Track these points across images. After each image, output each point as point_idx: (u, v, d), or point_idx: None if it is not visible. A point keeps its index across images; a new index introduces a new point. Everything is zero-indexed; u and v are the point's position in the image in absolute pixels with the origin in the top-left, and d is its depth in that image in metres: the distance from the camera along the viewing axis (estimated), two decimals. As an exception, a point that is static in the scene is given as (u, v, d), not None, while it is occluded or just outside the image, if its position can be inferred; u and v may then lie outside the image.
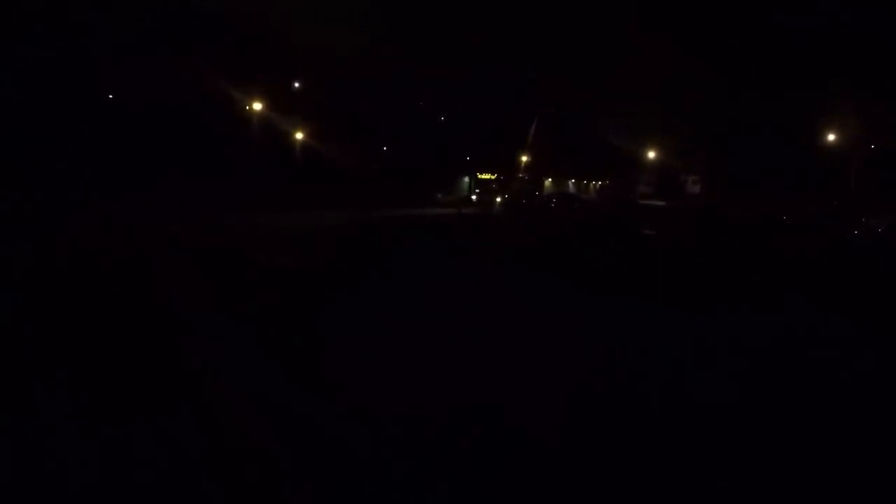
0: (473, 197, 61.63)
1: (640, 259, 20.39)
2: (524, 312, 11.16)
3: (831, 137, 39.06)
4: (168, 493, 4.44)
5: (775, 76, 42.21)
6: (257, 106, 42.17)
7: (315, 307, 10.88)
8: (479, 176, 66.62)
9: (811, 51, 39.08)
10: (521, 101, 61.91)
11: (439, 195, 57.55)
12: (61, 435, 5.24)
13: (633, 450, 5.37)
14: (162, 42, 39.78)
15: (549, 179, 72.24)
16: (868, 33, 36.66)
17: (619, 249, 22.41)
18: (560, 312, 11.23)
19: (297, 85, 49.18)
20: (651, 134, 57.14)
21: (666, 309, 11.56)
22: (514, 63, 73.71)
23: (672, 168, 59.94)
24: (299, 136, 46.47)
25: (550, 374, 7.42)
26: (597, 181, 77.74)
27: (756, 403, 6.60)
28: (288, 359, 7.62)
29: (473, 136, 60.16)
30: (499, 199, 58.62)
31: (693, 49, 45.02)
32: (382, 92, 53.52)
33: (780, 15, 42.61)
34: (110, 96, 38.33)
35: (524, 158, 62.89)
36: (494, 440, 5.43)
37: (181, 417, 5.66)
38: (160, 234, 23.47)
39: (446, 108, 61.86)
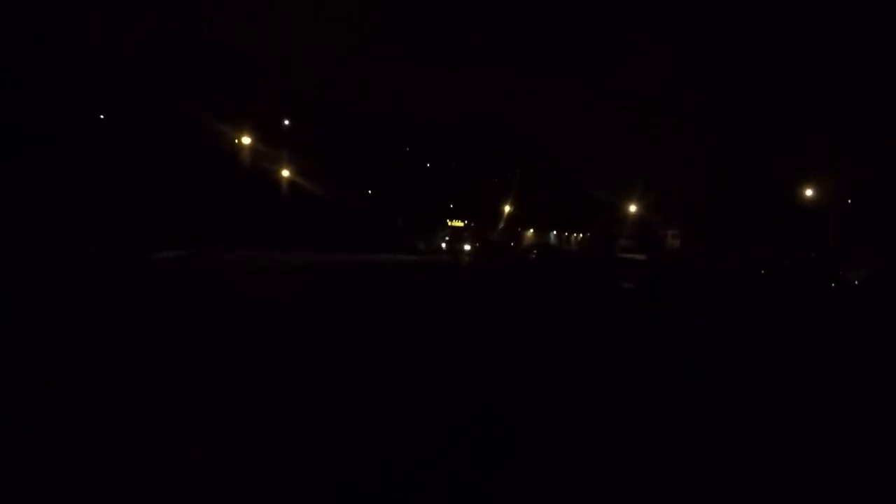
0: (443, 245, 61.70)
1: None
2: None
3: (809, 192, 39.96)
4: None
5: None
6: (246, 140, 42.52)
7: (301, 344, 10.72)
8: (451, 223, 66.62)
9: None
10: (501, 148, 62.59)
11: (420, 243, 57.71)
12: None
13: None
14: (155, 66, 39.78)
15: (531, 230, 72.78)
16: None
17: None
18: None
19: (286, 122, 49.71)
20: (633, 187, 57.97)
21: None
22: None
23: (652, 221, 60.61)
24: (286, 173, 46.85)
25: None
26: (578, 233, 78.45)
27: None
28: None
29: (452, 184, 60.71)
30: (468, 248, 58.37)
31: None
32: (369, 136, 54.13)
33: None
34: (106, 116, 38.02)
35: (506, 208, 63.40)
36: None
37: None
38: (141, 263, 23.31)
39: (432, 154, 62.31)
